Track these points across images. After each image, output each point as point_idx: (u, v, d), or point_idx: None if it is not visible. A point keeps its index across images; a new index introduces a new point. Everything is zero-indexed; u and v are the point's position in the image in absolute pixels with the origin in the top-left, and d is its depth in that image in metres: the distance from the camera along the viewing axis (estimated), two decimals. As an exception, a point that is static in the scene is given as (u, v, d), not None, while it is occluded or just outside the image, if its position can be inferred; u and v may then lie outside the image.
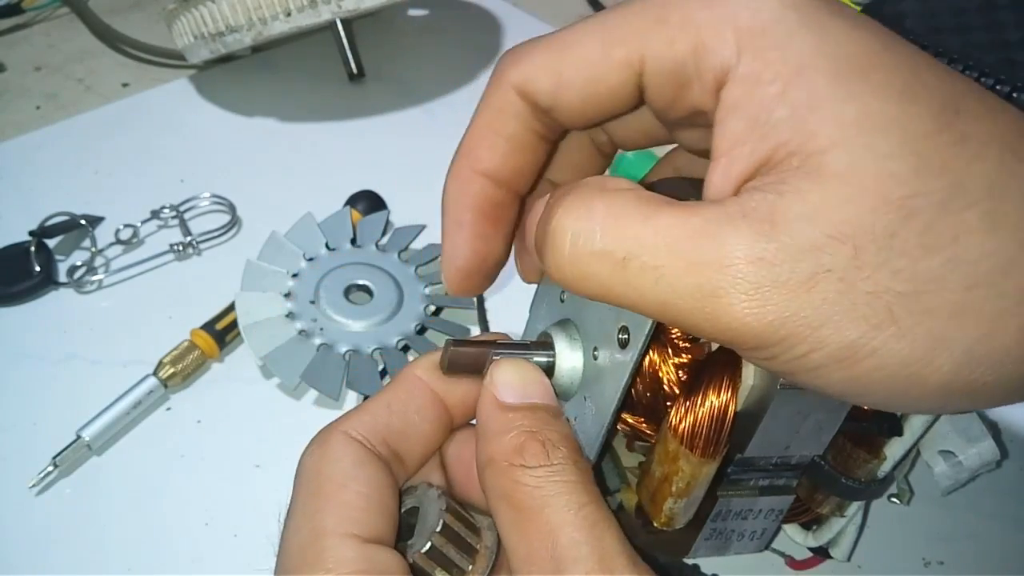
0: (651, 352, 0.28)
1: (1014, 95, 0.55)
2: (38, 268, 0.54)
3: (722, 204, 0.21)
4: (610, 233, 0.21)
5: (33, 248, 0.54)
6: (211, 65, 0.74)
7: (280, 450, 0.46)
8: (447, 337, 0.25)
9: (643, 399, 0.29)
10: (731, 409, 0.27)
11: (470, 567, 0.26)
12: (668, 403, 0.28)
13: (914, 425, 0.34)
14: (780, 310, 0.19)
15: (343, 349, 0.48)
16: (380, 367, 0.48)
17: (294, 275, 0.52)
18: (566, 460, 0.24)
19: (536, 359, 0.27)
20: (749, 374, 0.28)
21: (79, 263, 0.55)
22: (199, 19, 0.62)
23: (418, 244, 0.55)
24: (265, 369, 0.49)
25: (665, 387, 0.28)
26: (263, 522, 0.43)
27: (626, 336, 0.25)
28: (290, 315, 0.50)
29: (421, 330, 0.51)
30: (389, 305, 0.51)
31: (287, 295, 0.51)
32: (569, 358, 0.27)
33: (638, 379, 0.29)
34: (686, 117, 0.24)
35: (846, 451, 0.35)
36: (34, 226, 0.56)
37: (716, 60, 0.22)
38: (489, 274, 0.29)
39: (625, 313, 0.24)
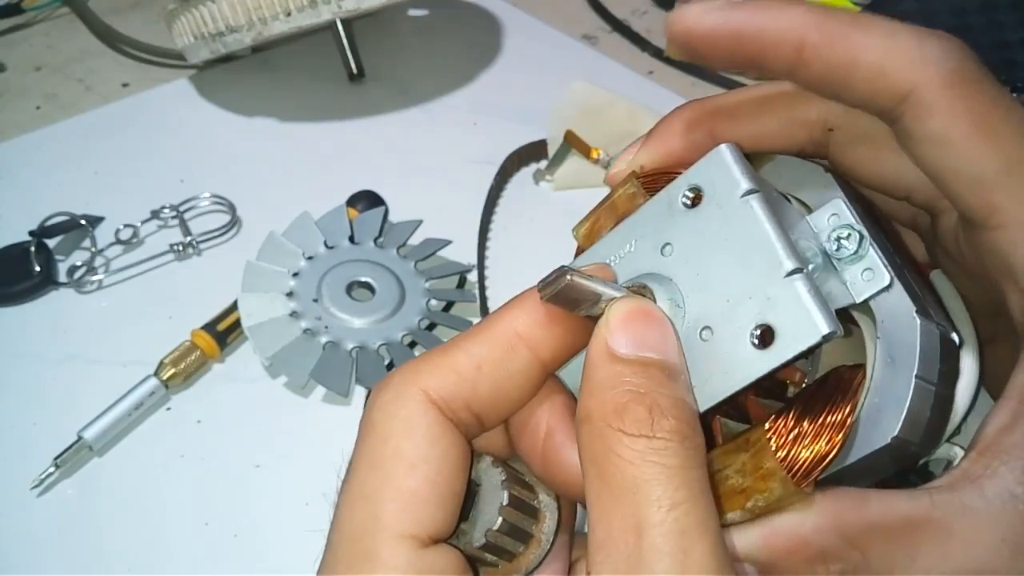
0: None
1: (1014, 95, 0.55)
2: (38, 268, 0.54)
3: None
4: None
5: (33, 248, 0.54)
6: (211, 65, 0.73)
7: (284, 449, 0.46)
8: (561, 265, 0.23)
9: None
10: (840, 447, 0.24)
11: (521, 548, 0.25)
12: (751, 408, 0.25)
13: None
14: None
15: (349, 346, 0.48)
16: (387, 362, 0.48)
17: (295, 274, 0.52)
18: (672, 435, 0.20)
19: None
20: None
21: (79, 263, 0.55)
22: (199, 19, 0.62)
23: (415, 239, 0.55)
24: (271, 368, 0.49)
25: (756, 400, 0.25)
26: (263, 522, 0.44)
27: (767, 337, 0.21)
28: (294, 314, 0.50)
29: (430, 326, 0.51)
30: (392, 301, 0.51)
31: (289, 294, 0.51)
32: None
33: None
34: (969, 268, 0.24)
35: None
36: (34, 226, 0.56)
37: None
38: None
39: (774, 311, 0.21)
